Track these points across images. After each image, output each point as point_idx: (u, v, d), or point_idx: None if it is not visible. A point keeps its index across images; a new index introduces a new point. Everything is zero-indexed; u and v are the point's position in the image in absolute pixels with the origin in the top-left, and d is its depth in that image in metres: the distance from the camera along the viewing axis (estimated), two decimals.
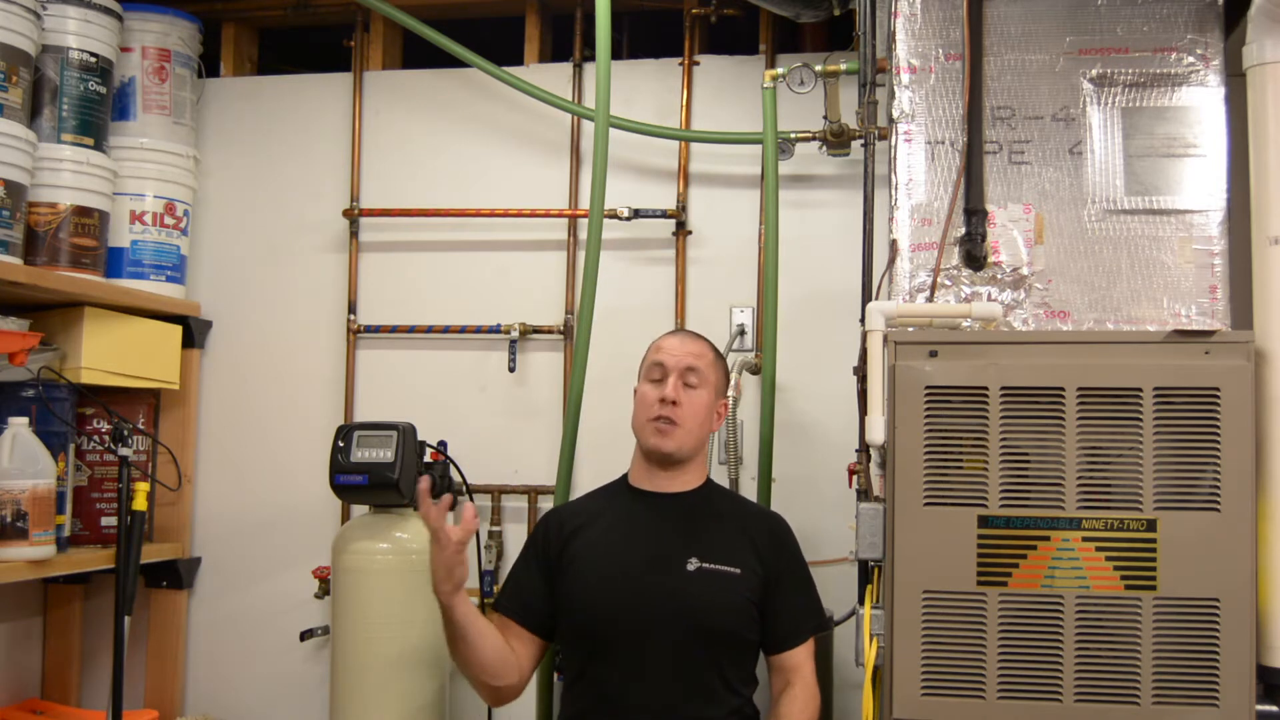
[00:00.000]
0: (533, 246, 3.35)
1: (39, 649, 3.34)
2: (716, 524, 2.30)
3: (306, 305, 3.45)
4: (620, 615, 2.20)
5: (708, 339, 2.44)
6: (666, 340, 2.38)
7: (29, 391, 2.86)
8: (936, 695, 2.01)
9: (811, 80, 2.88)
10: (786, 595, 2.28)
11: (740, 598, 2.22)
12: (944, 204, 2.24)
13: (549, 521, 2.37)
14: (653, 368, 2.33)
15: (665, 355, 2.33)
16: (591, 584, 2.24)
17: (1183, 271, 2.17)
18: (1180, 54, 2.21)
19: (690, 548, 2.24)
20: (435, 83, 3.44)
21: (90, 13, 3.03)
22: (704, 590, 2.20)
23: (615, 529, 2.30)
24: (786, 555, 2.32)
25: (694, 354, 2.33)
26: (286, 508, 3.40)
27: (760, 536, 2.30)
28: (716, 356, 2.39)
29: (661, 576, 2.21)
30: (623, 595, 2.21)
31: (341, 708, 2.87)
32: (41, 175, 2.92)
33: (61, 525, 2.92)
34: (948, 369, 2.03)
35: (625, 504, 2.34)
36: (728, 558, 2.24)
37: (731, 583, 2.21)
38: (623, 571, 2.23)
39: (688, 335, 2.41)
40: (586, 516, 2.33)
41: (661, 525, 2.28)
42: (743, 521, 2.32)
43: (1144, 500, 1.97)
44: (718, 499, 2.38)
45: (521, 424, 3.31)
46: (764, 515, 2.43)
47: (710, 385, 2.33)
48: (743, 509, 2.40)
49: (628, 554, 2.25)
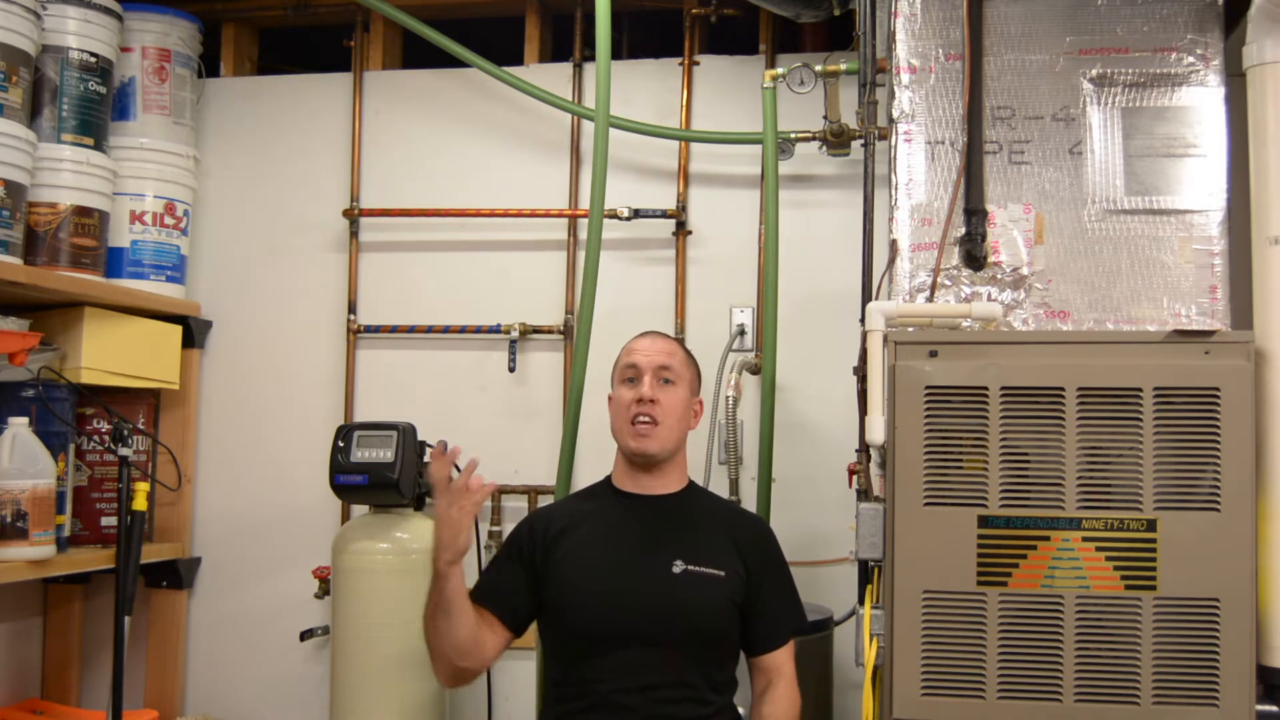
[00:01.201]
0: (533, 246, 3.35)
1: (39, 649, 3.34)
2: (700, 526, 2.31)
3: (306, 305, 3.45)
4: (608, 617, 2.20)
5: (677, 338, 2.44)
6: (637, 342, 2.37)
7: (29, 391, 2.86)
8: (936, 695, 2.01)
9: (811, 80, 2.88)
10: (769, 597, 2.29)
11: (724, 599, 2.22)
12: (944, 204, 2.24)
13: (533, 522, 2.37)
14: (625, 369, 2.33)
15: (638, 356, 2.32)
16: (579, 586, 2.24)
17: (1183, 271, 2.17)
18: (1180, 54, 2.21)
19: (675, 550, 2.24)
20: (435, 83, 3.44)
21: (90, 13, 3.03)
22: (690, 592, 2.20)
23: (601, 531, 2.30)
24: (769, 557, 2.33)
25: (666, 352, 2.33)
26: (286, 508, 3.40)
27: (743, 539, 2.31)
28: (688, 355, 2.40)
29: (648, 579, 2.21)
30: (610, 597, 2.21)
31: (341, 708, 2.87)
32: (41, 175, 2.92)
33: (61, 525, 2.92)
34: (948, 369, 2.03)
35: (610, 506, 2.34)
36: (712, 560, 2.25)
37: (716, 584, 2.22)
38: (610, 574, 2.23)
39: (657, 335, 2.40)
40: (570, 519, 2.33)
41: (647, 527, 2.28)
42: (726, 524, 2.33)
43: (1144, 500, 1.97)
44: (701, 501, 2.39)
45: (521, 424, 3.31)
46: (746, 517, 2.44)
47: (685, 382, 2.33)
48: (726, 511, 2.41)
49: (614, 556, 2.26)
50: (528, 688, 3.04)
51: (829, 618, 2.85)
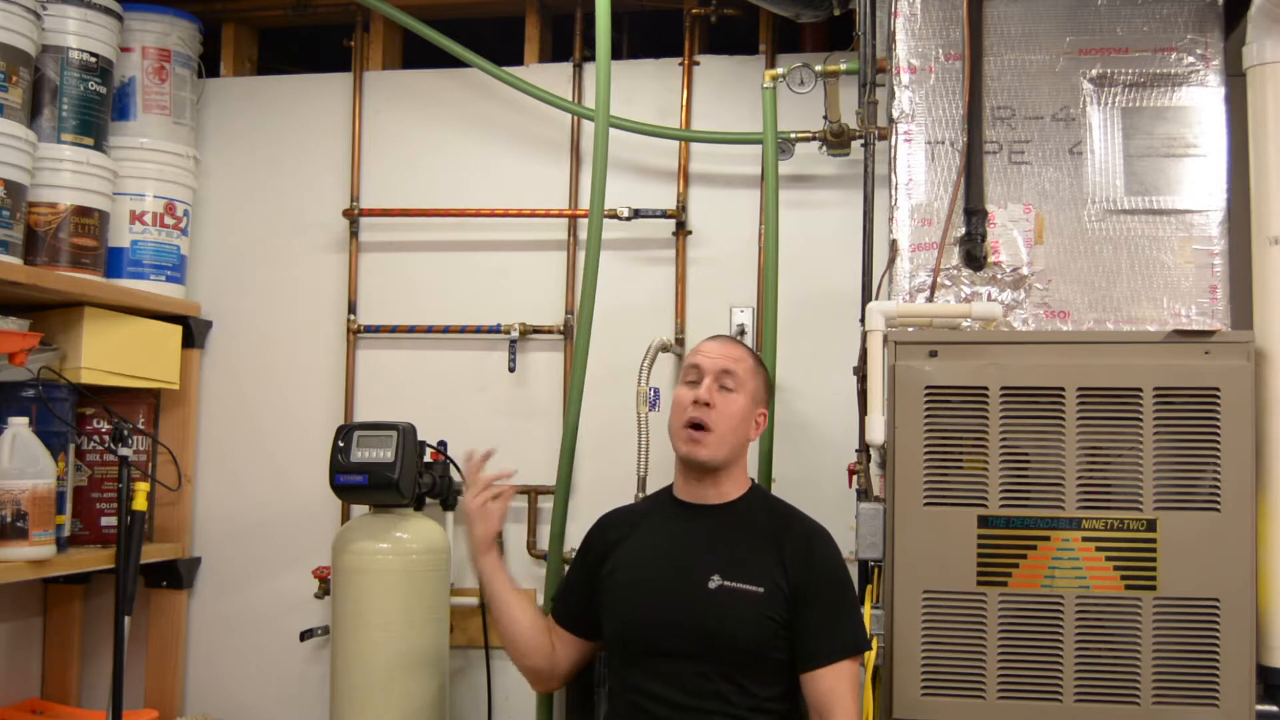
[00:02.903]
0: (533, 246, 3.35)
1: (39, 649, 3.34)
2: (749, 538, 2.24)
3: (306, 305, 3.45)
4: (644, 630, 2.22)
5: (750, 347, 2.40)
6: (705, 344, 2.35)
7: (29, 391, 2.86)
8: (936, 695, 2.01)
9: (811, 80, 2.88)
10: (812, 611, 2.16)
11: (762, 616, 2.15)
12: (944, 204, 2.24)
13: (598, 528, 2.42)
14: (688, 370, 2.31)
15: (701, 358, 2.30)
16: (624, 595, 2.26)
17: (1183, 271, 2.17)
18: (1180, 54, 2.21)
19: (714, 564, 2.20)
20: (435, 83, 3.44)
21: (90, 13, 3.03)
22: (722, 609, 2.16)
23: (649, 542, 2.30)
24: (815, 569, 2.20)
25: (732, 357, 2.29)
26: (286, 508, 3.40)
27: (789, 551, 2.20)
28: (757, 364, 2.35)
29: (682, 593, 2.20)
30: (647, 609, 2.22)
31: (341, 708, 2.87)
32: (41, 175, 2.92)
33: (61, 525, 2.92)
34: (948, 369, 2.03)
35: (664, 515, 2.34)
36: (752, 575, 2.18)
37: (753, 601, 2.16)
38: (650, 587, 2.24)
39: (727, 340, 2.37)
40: (628, 526, 2.35)
41: (691, 540, 2.26)
42: (778, 534, 2.24)
43: (1144, 500, 1.97)
44: (759, 510, 2.31)
45: (521, 424, 3.30)
46: (796, 528, 2.29)
47: (747, 391, 2.28)
48: (784, 520, 2.30)
49: (655, 568, 2.26)
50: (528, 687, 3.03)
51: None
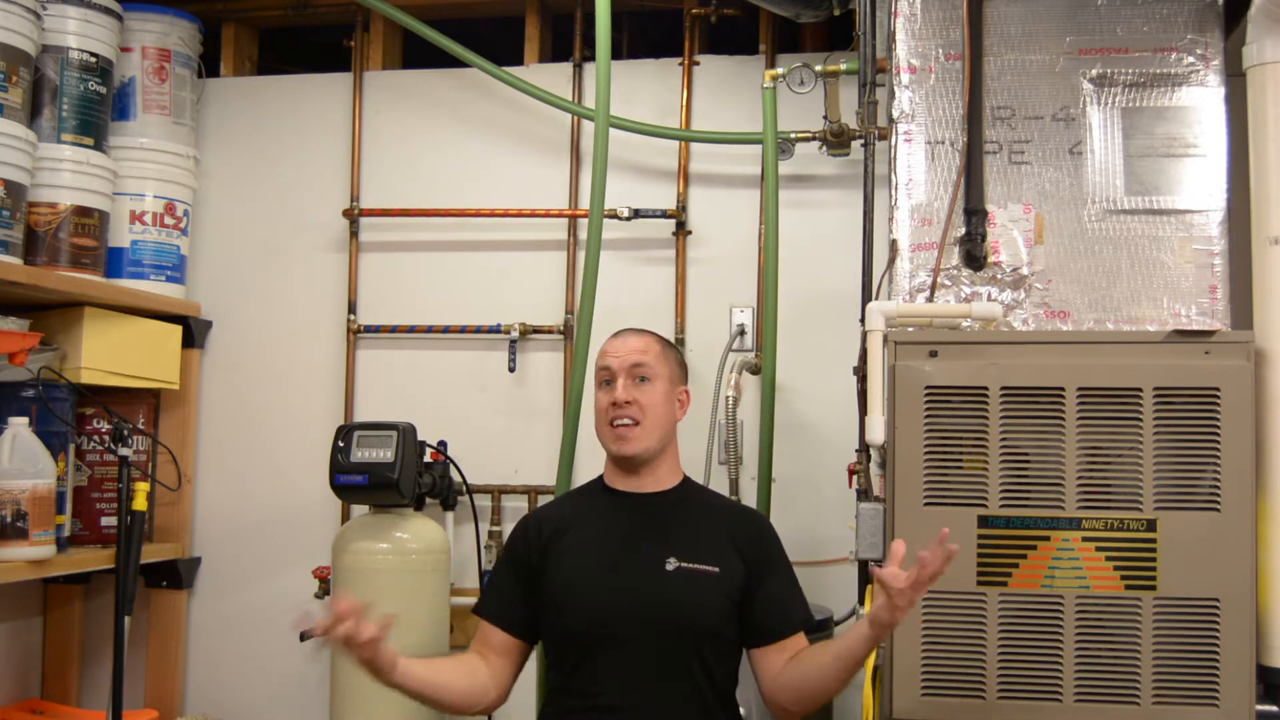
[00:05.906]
0: (533, 246, 3.35)
1: (39, 649, 3.34)
2: (694, 522, 2.27)
3: (306, 305, 3.45)
4: (602, 618, 2.19)
5: (652, 331, 2.37)
6: (610, 343, 2.34)
7: (29, 391, 2.86)
8: (936, 695, 2.01)
9: (811, 80, 2.88)
10: (770, 588, 2.22)
11: (720, 596, 2.19)
12: (944, 204, 2.24)
13: (527, 525, 2.36)
14: (600, 372, 2.30)
15: (609, 358, 2.29)
16: (573, 588, 2.23)
17: (1183, 271, 2.17)
18: (1180, 54, 2.21)
19: (668, 547, 2.22)
20: (435, 83, 3.44)
21: (90, 13, 3.03)
22: (683, 590, 2.18)
23: (593, 531, 2.28)
24: (767, 550, 2.26)
25: (637, 350, 2.29)
26: (286, 508, 3.40)
27: (740, 534, 2.25)
28: (664, 346, 2.34)
29: (641, 578, 2.20)
30: (603, 598, 2.20)
31: (341, 708, 2.87)
32: (41, 175, 2.92)
33: (61, 525, 2.92)
34: (948, 369, 2.03)
35: (602, 505, 2.32)
36: (706, 556, 2.20)
37: (711, 581, 2.19)
38: (603, 574, 2.22)
39: (629, 332, 2.36)
40: (564, 520, 2.31)
41: (639, 526, 2.26)
42: (722, 519, 2.29)
43: (1144, 500, 1.97)
44: (695, 497, 2.35)
45: (521, 424, 3.31)
46: (743, 512, 2.40)
47: (663, 376, 2.28)
48: (722, 506, 2.37)
49: (607, 556, 2.24)
50: (528, 688, 3.03)
51: (829, 618, 2.85)
